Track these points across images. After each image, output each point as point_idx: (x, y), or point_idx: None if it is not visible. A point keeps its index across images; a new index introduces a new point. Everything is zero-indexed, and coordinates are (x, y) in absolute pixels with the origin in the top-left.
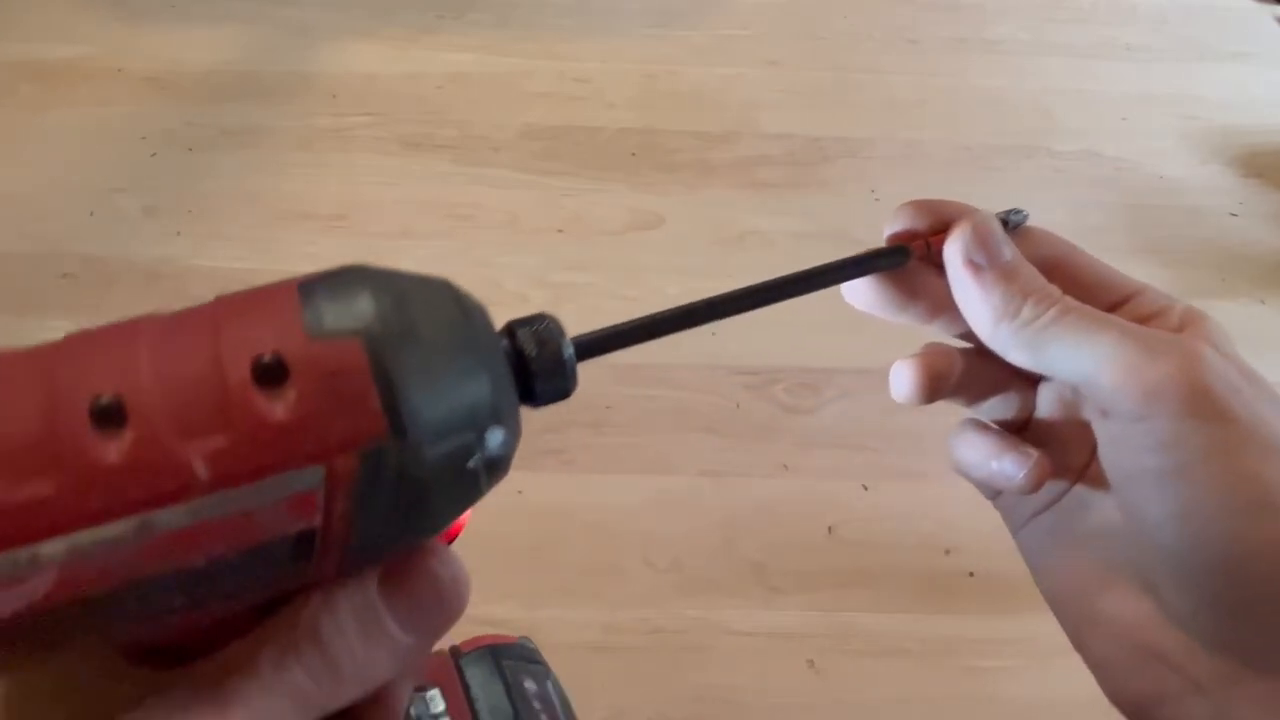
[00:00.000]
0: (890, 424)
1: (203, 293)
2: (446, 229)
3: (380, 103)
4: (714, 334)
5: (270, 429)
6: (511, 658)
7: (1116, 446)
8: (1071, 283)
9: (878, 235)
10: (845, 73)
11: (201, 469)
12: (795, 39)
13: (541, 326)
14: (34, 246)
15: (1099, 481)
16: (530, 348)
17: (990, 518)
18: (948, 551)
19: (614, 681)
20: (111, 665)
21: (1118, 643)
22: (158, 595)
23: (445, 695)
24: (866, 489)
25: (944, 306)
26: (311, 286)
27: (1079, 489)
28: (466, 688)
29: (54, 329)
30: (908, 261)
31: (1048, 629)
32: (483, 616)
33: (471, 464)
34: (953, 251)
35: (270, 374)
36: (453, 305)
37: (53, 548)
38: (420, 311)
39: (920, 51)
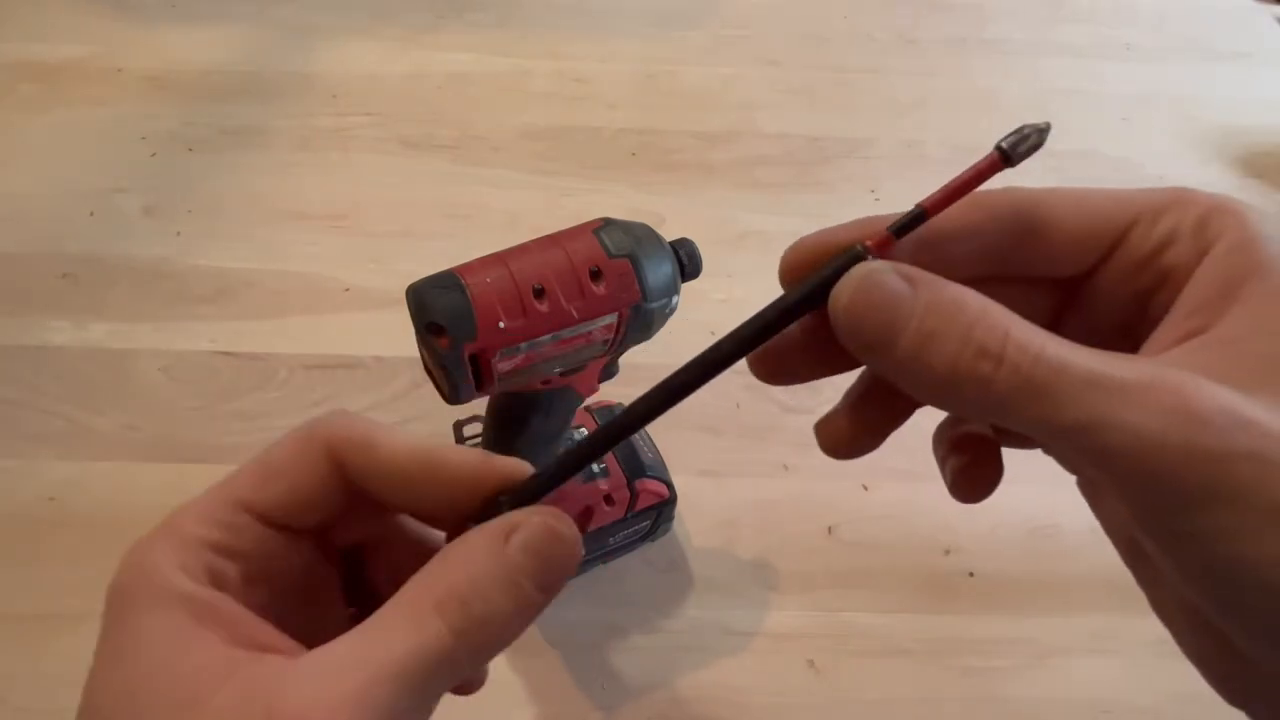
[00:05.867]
0: None
1: (203, 293)
2: (446, 229)
3: (380, 103)
4: (713, 334)
5: (598, 299)
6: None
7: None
8: (1048, 243)
9: None
10: (845, 73)
11: (575, 314)
12: (795, 39)
13: (687, 245)
14: (34, 246)
15: None
16: (683, 255)
17: (990, 518)
18: (948, 551)
19: (614, 681)
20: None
21: (1179, 601)
22: (553, 365)
23: (589, 431)
24: (866, 489)
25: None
26: (598, 232)
27: None
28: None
29: (54, 329)
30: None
31: (1048, 629)
32: None
33: (667, 310)
34: (842, 341)
35: (595, 275)
36: (657, 237)
37: (524, 345)
38: (646, 242)
39: (920, 51)
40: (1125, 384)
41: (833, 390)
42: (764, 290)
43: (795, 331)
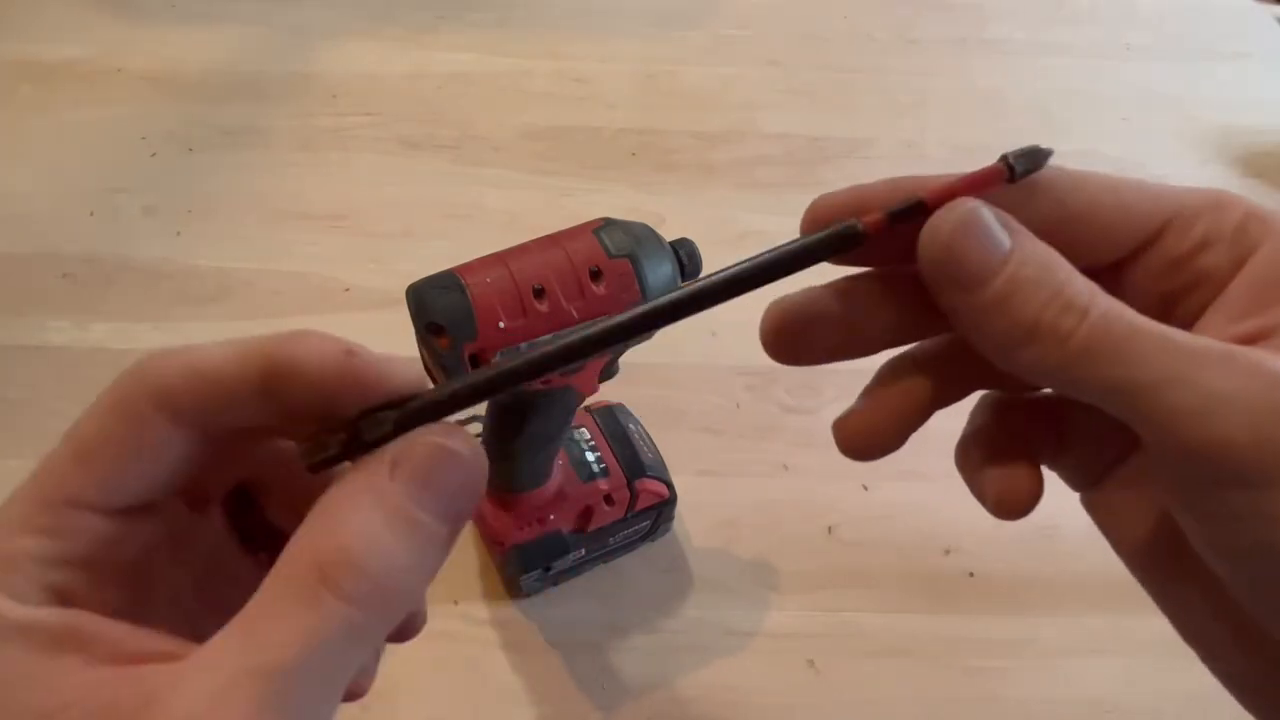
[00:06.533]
0: None
1: (203, 293)
2: (446, 229)
3: (380, 103)
4: (714, 334)
5: (598, 299)
6: (620, 412)
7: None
8: (1081, 229)
9: None
10: (845, 73)
11: (575, 314)
12: (795, 39)
13: (687, 245)
14: (34, 246)
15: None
16: (683, 255)
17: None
18: (948, 551)
19: (614, 681)
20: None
21: (1207, 613)
22: (554, 364)
23: (589, 431)
24: (866, 489)
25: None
26: (598, 232)
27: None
28: (600, 427)
29: (54, 329)
30: (858, 243)
31: (1048, 629)
32: (474, 615)
33: None
34: (928, 272)
35: (595, 275)
36: (657, 237)
37: (524, 345)
38: (646, 241)
39: (920, 51)
40: (1206, 348)
41: (834, 391)
42: (764, 290)
43: (832, 303)
